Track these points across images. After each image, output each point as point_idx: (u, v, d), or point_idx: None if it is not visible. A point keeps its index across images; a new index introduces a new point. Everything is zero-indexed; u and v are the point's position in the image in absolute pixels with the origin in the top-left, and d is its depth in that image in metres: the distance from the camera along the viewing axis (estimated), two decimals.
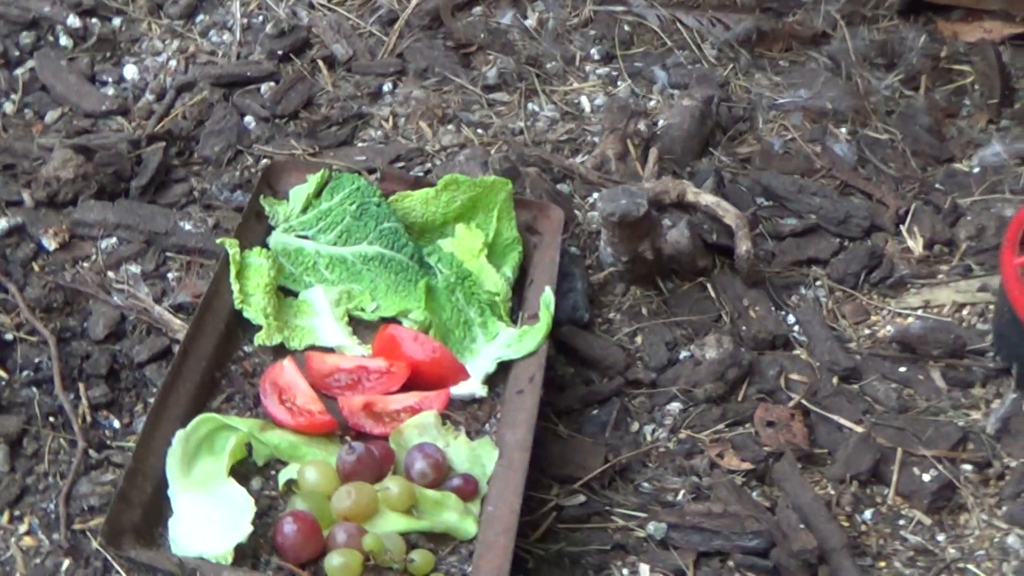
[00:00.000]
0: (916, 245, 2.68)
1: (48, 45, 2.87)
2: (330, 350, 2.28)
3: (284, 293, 2.36)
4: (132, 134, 2.67)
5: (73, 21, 2.88)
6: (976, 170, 2.88)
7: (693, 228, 2.53)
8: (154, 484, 2.00)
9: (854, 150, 2.88)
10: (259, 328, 2.27)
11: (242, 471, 2.07)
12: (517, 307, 2.39)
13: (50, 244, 2.46)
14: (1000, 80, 3.09)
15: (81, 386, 2.24)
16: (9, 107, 2.75)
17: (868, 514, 2.22)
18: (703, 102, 2.84)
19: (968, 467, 2.29)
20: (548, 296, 2.30)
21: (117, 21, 2.94)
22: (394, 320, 2.33)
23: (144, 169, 2.60)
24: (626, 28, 3.08)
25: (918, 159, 2.88)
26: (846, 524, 2.18)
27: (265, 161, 2.66)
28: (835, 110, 2.95)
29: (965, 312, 2.57)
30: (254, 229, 2.41)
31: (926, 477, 2.26)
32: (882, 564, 2.15)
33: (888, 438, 2.30)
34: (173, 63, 2.86)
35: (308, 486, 2.03)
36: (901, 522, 2.21)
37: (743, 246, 2.53)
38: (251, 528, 1.94)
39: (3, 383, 2.23)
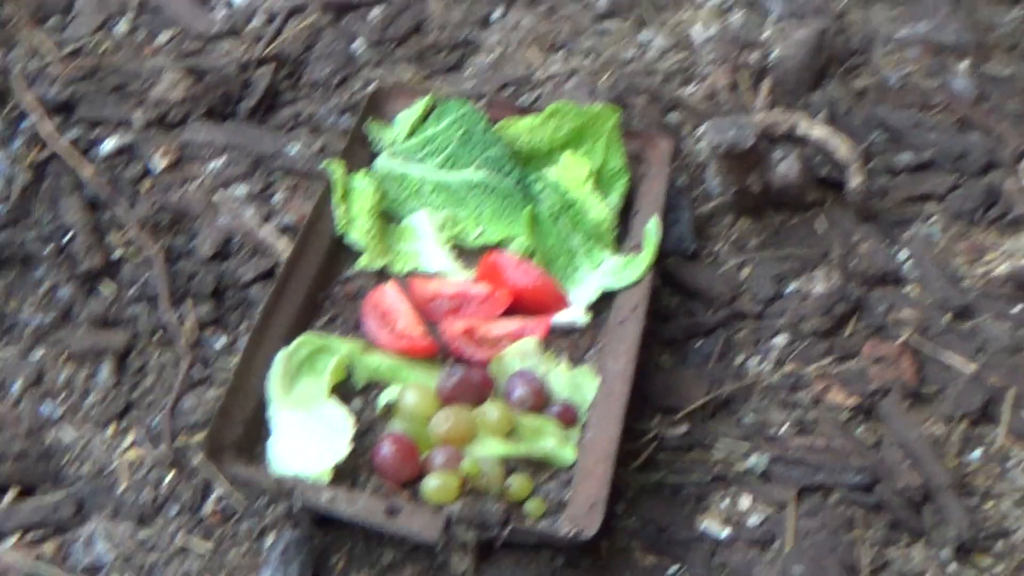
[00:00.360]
0: None
1: None
2: (433, 275, 2.27)
3: (388, 217, 2.35)
4: (241, 57, 2.67)
5: None
6: None
7: (803, 161, 2.48)
8: (255, 402, 2.01)
9: (973, 85, 2.81)
10: (362, 251, 2.27)
11: (342, 392, 2.07)
12: (622, 237, 2.36)
13: (159, 164, 2.47)
14: None
15: (187, 304, 2.25)
16: (123, 26, 2.75)
17: (976, 454, 2.17)
18: (818, 33, 2.78)
19: None
20: (654, 225, 2.27)
21: None
22: (497, 247, 2.31)
23: (252, 91, 2.60)
24: None
25: None
26: (953, 463, 2.14)
27: (372, 86, 2.65)
28: (955, 44, 2.88)
29: None
30: (359, 153, 2.41)
31: None
32: (989, 504, 2.10)
33: (1000, 377, 2.25)
34: None
35: (407, 409, 2.03)
36: (1010, 463, 2.16)
37: (855, 180, 2.48)
38: (350, 448, 1.95)
39: (111, 299, 2.25)
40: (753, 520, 2.06)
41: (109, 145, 2.49)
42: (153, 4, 2.80)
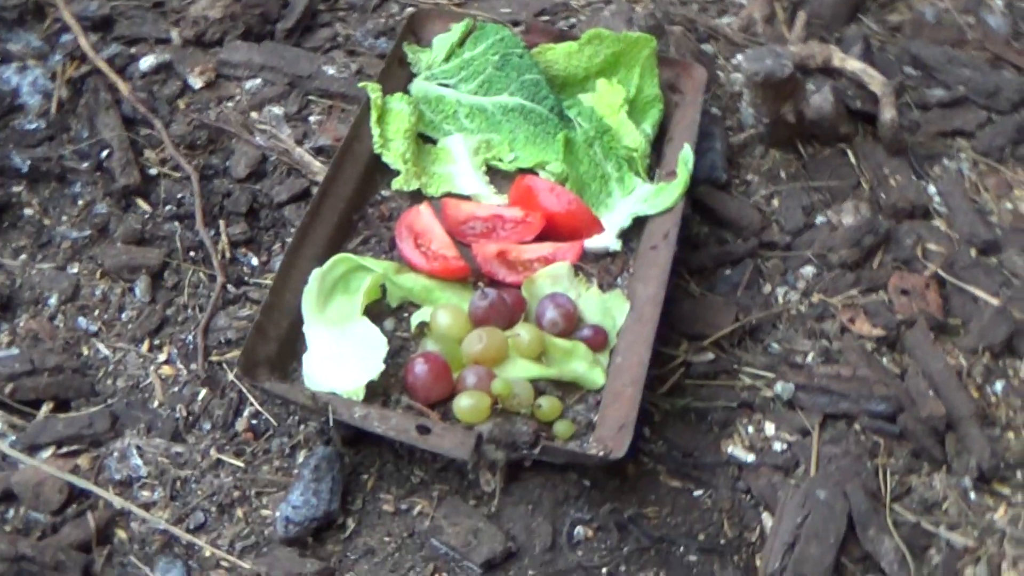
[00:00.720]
0: None
1: None
2: (467, 198, 2.29)
3: (423, 140, 2.38)
4: None
5: None
6: None
7: (837, 93, 2.49)
8: (290, 320, 2.04)
9: (1009, 23, 2.82)
10: (397, 173, 2.29)
11: (376, 312, 2.10)
12: (655, 164, 2.38)
13: (196, 82, 2.49)
14: None
15: (222, 223, 2.27)
16: None
17: (999, 386, 2.19)
18: None
19: None
20: (687, 154, 2.29)
21: None
22: (531, 171, 2.34)
23: (290, 12, 2.61)
24: None
25: None
26: (976, 395, 2.16)
27: (410, 9, 2.66)
28: None
29: None
30: (396, 75, 2.42)
31: None
32: (1011, 435, 2.13)
33: None
34: None
35: (440, 329, 2.05)
36: None
37: (888, 114, 2.49)
38: (383, 366, 1.98)
39: (147, 216, 2.27)
40: (778, 446, 2.08)
41: (147, 63, 2.51)
42: None
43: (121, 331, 2.14)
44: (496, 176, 2.34)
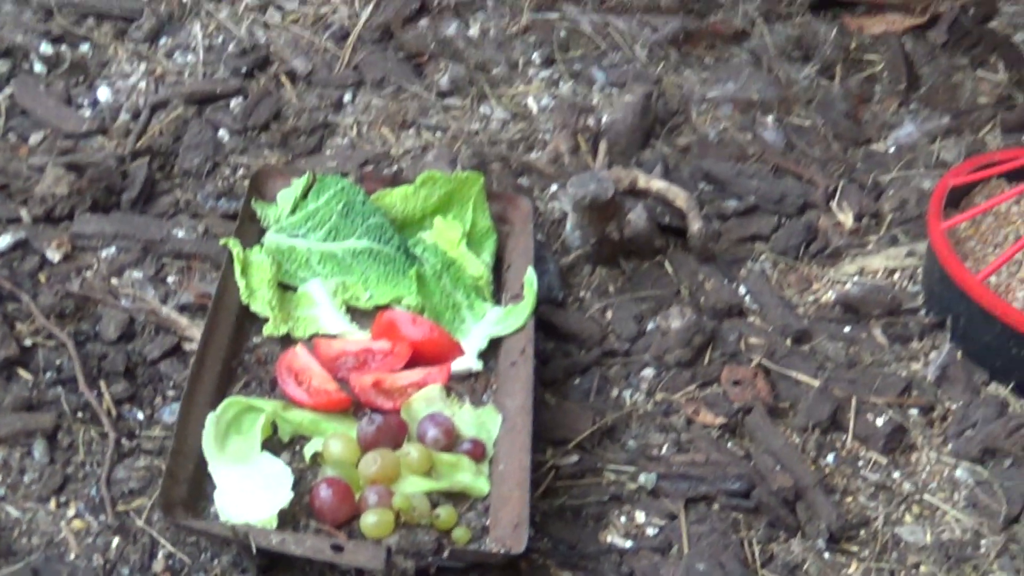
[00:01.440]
0: (846, 219, 2.92)
1: (24, 72, 3.01)
2: (334, 336, 2.46)
3: (284, 288, 2.54)
4: (116, 151, 2.82)
5: (45, 48, 3.03)
6: (892, 149, 3.15)
7: (649, 211, 2.75)
8: (195, 462, 2.17)
9: (782, 136, 3.13)
10: (266, 320, 2.45)
11: (269, 447, 2.25)
12: (498, 289, 2.59)
13: (54, 256, 2.60)
14: (905, 67, 3.36)
15: (102, 383, 2.39)
16: None
17: (831, 457, 2.44)
18: (643, 97, 3.07)
19: (914, 411, 2.53)
20: (531, 276, 2.50)
21: (85, 47, 3.09)
22: (388, 307, 2.52)
23: (132, 183, 2.75)
24: (562, 33, 3.30)
25: (839, 141, 3.14)
26: (813, 467, 2.40)
27: (244, 169, 2.83)
28: (761, 100, 3.20)
29: (896, 276, 2.81)
30: (250, 230, 2.59)
31: (879, 422, 2.49)
32: (849, 499, 2.38)
33: (842, 389, 2.53)
34: (143, 84, 3.02)
35: (334, 456, 2.21)
36: (860, 463, 2.44)
37: (695, 225, 2.76)
38: (292, 494, 2.12)
39: (31, 384, 2.38)
40: (651, 531, 2.29)
41: (3, 242, 2.62)
42: (21, 107, 2.93)
43: (27, 492, 2.23)
44: (356, 314, 2.52)
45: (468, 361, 2.44)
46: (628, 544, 2.26)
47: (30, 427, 2.30)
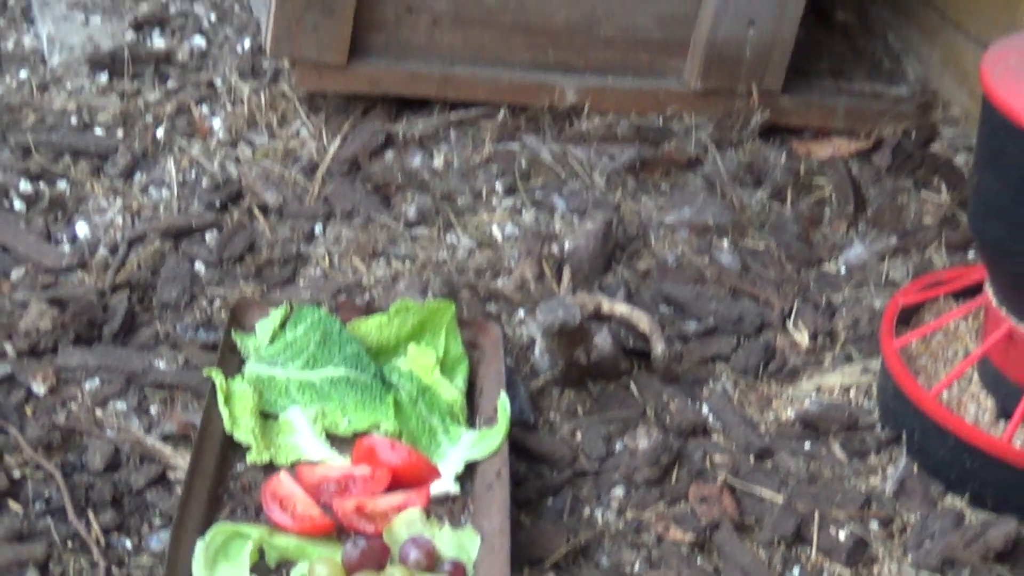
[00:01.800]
0: (802, 338, 3.04)
1: (3, 210, 3.09)
2: (316, 463, 2.54)
3: (265, 416, 2.62)
4: (96, 285, 2.91)
5: (24, 186, 3.13)
6: (843, 269, 3.28)
7: (614, 335, 2.85)
8: None
9: (737, 259, 3.26)
10: (249, 448, 2.53)
11: (257, 572, 2.31)
12: (472, 413, 2.68)
13: (40, 389, 2.68)
14: (852, 190, 3.51)
15: (91, 513, 2.45)
16: None
17: (796, 571, 2.53)
18: (603, 224, 3.19)
19: (875, 524, 2.63)
20: (504, 400, 2.60)
21: (63, 184, 3.19)
22: (366, 433, 2.60)
23: (113, 316, 2.83)
24: (523, 163, 3.42)
25: (792, 263, 3.27)
26: None
27: (221, 300, 2.92)
28: (716, 224, 3.33)
29: (852, 392, 2.93)
30: (231, 360, 2.68)
31: (841, 535, 2.59)
32: None
33: (805, 504, 2.63)
34: (120, 219, 3.11)
35: None
36: (825, 575, 2.54)
37: (658, 348, 2.87)
38: None
39: (21, 515, 2.44)
40: None
41: None
42: (2, 244, 3.00)
43: None
44: (336, 440, 2.60)
45: (446, 484, 2.52)
46: None
47: (22, 557, 2.36)
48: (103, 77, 3.46)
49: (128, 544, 2.43)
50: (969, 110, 3.77)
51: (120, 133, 3.33)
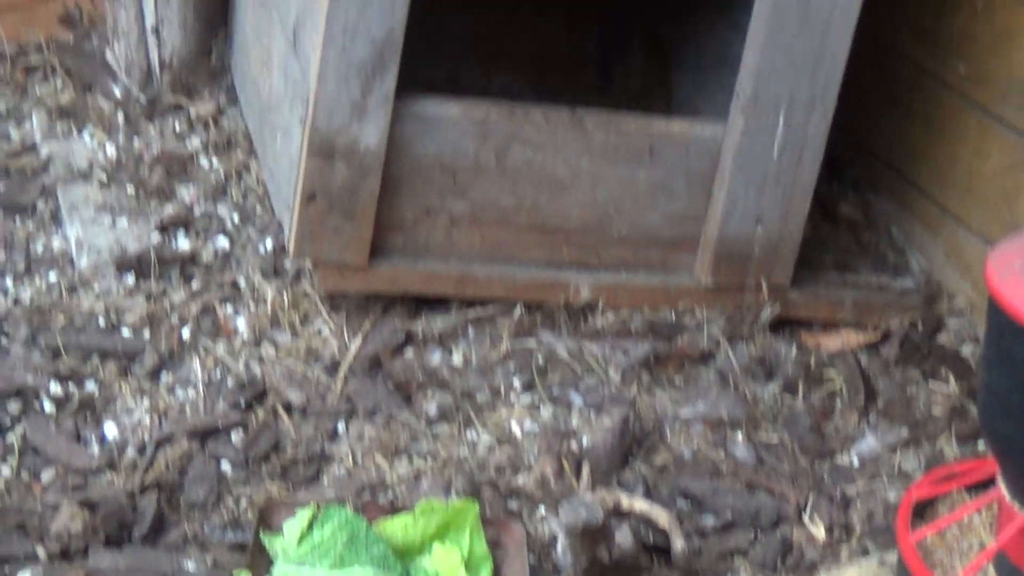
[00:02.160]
0: (818, 531, 3.09)
1: (34, 412, 3.16)
2: None
3: None
4: (125, 486, 2.96)
5: (54, 388, 3.20)
6: (855, 461, 3.35)
7: (634, 532, 2.90)
8: None
9: (752, 452, 3.32)
10: None
11: None
12: None
13: None
14: (862, 382, 3.59)
15: None
16: (7, 471, 3.01)
17: None
18: (620, 421, 3.25)
19: None
20: None
21: (92, 385, 3.26)
22: None
23: (142, 517, 2.89)
24: (540, 359, 3.50)
25: (806, 455, 3.33)
26: None
27: (247, 500, 2.98)
28: (729, 418, 3.40)
29: None
30: (260, 562, 2.72)
31: None
32: None
33: None
34: (147, 419, 3.17)
35: None
36: None
37: (678, 544, 2.92)
38: None
39: None
40: None
41: None
42: (33, 446, 3.07)
43: None
44: None
45: None
46: None
47: None
48: (130, 279, 3.55)
49: None
50: (974, 301, 3.87)
51: (147, 334, 3.41)
